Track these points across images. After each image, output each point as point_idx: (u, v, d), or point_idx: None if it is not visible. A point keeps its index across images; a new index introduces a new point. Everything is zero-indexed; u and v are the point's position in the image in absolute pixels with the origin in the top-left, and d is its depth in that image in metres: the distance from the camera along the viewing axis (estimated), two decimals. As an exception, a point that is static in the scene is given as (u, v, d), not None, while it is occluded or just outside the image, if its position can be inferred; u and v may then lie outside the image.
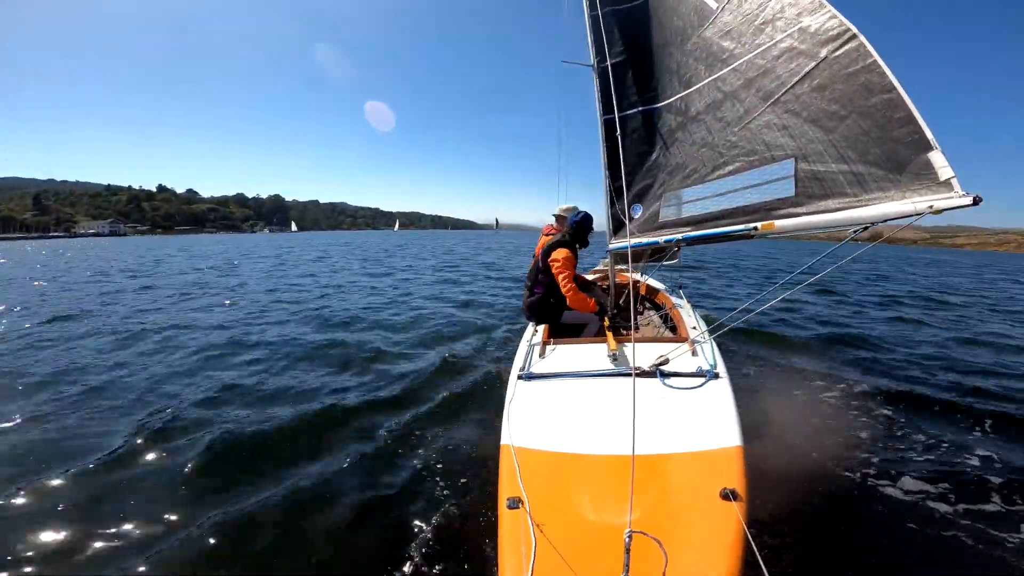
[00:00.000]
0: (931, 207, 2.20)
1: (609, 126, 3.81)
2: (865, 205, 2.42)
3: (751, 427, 2.78)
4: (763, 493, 2.90)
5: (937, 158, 2.24)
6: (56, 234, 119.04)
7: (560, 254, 3.78)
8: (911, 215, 2.25)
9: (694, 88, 3.35)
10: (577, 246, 3.98)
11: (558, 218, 4.72)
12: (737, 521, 1.61)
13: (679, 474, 1.97)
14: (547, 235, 4.62)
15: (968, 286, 17.26)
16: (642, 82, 3.78)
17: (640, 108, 3.75)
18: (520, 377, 2.82)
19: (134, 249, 38.68)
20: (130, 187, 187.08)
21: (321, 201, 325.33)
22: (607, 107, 3.85)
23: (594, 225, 4.08)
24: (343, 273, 17.48)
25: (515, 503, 1.78)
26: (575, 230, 3.97)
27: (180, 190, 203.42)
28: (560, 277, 3.75)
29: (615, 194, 3.80)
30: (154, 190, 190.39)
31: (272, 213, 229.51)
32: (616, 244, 3.88)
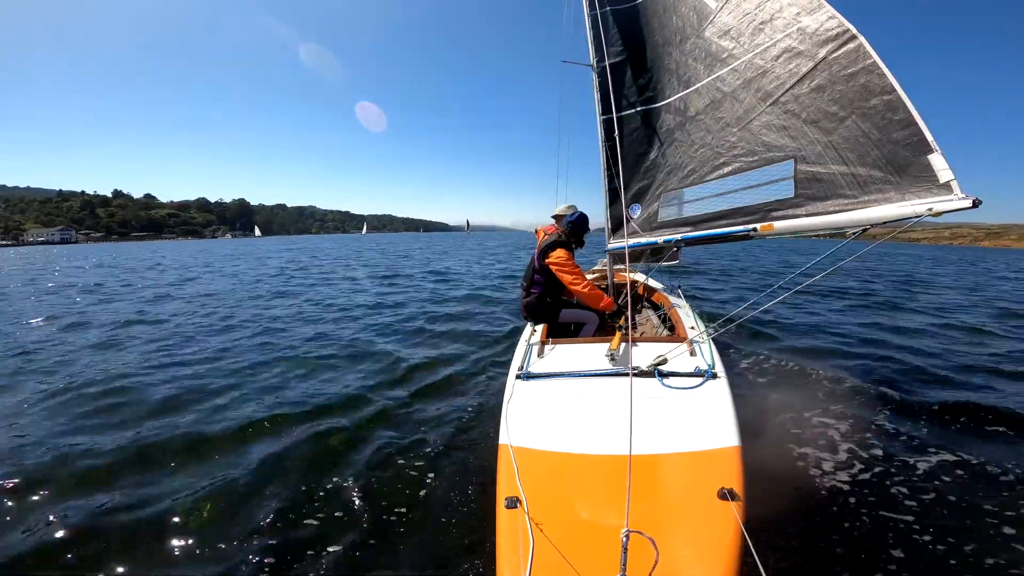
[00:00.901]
0: (930, 209, 2.20)
1: (608, 126, 3.79)
2: (864, 207, 2.42)
3: (749, 427, 2.77)
4: (761, 493, 2.88)
5: (937, 160, 2.23)
6: (2, 243, 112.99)
7: (559, 255, 3.77)
8: (910, 217, 2.24)
9: (693, 88, 3.34)
10: (573, 246, 3.96)
11: (557, 219, 4.65)
12: (735, 521, 1.61)
13: (677, 474, 1.97)
14: (547, 234, 4.52)
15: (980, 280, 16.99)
16: (641, 82, 3.76)
17: (639, 108, 3.74)
18: (518, 377, 2.80)
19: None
20: (84, 192, 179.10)
21: (289, 205, 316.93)
22: (606, 107, 3.83)
23: (591, 225, 4.05)
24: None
25: (513, 503, 1.78)
26: (571, 230, 3.96)
27: (138, 195, 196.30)
28: (568, 277, 3.73)
29: (613, 194, 3.77)
30: (110, 195, 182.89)
31: (237, 218, 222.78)
32: (614, 244, 3.85)
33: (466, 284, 14.16)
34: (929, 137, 2.26)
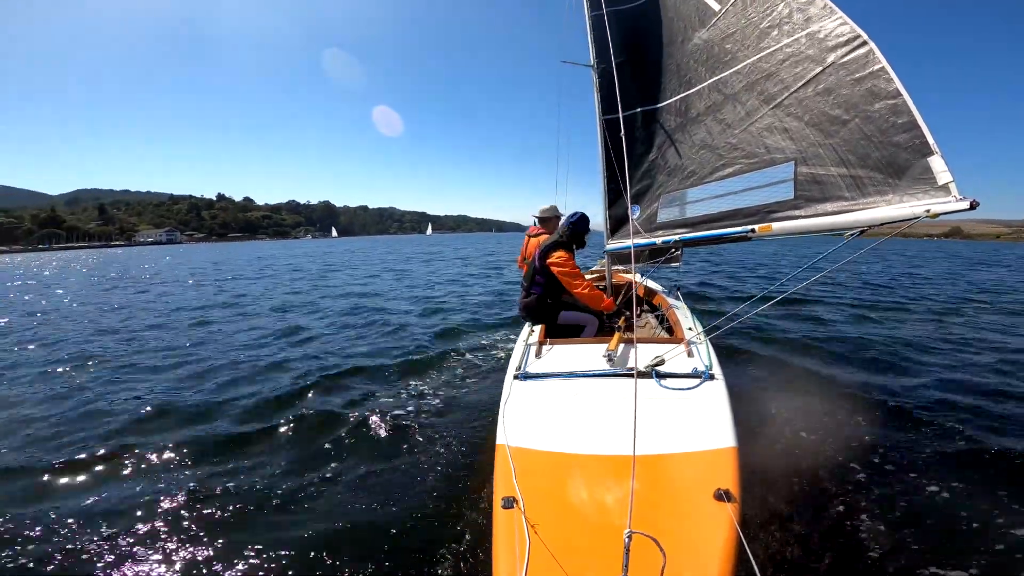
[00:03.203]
0: (928, 211, 2.20)
1: (608, 126, 3.83)
2: (862, 209, 2.44)
3: (746, 428, 2.73)
4: (757, 494, 2.91)
5: (937, 163, 2.26)
6: (117, 243, 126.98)
7: (560, 256, 3.77)
8: (908, 219, 2.26)
9: (694, 89, 3.37)
10: (574, 247, 3.96)
11: (541, 220, 4.68)
12: (730, 522, 1.61)
13: (673, 475, 1.96)
14: (534, 236, 4.60)
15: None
16: (642, 83, 3.79)
17: (639, 109, 3.76)
18: (516, 377, 2.81)
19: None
20: (191, 196, 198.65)
21: (370, 206, 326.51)
22: (606, 107, 3.87)
23: (591, 225, 4.02)
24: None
25: (510, 503, 1.78)
26: (572, 231, 3.93)
27: (238, 198, 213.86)
28: (569, 280, 3.73)
29: (613, 195, 3.81)
30: (214, 199, 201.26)
31: (322, 219, 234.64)
32: (613, 245, 3.89)
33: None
34: (930, 140, 2.30)
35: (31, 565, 2.54)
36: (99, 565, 2.53)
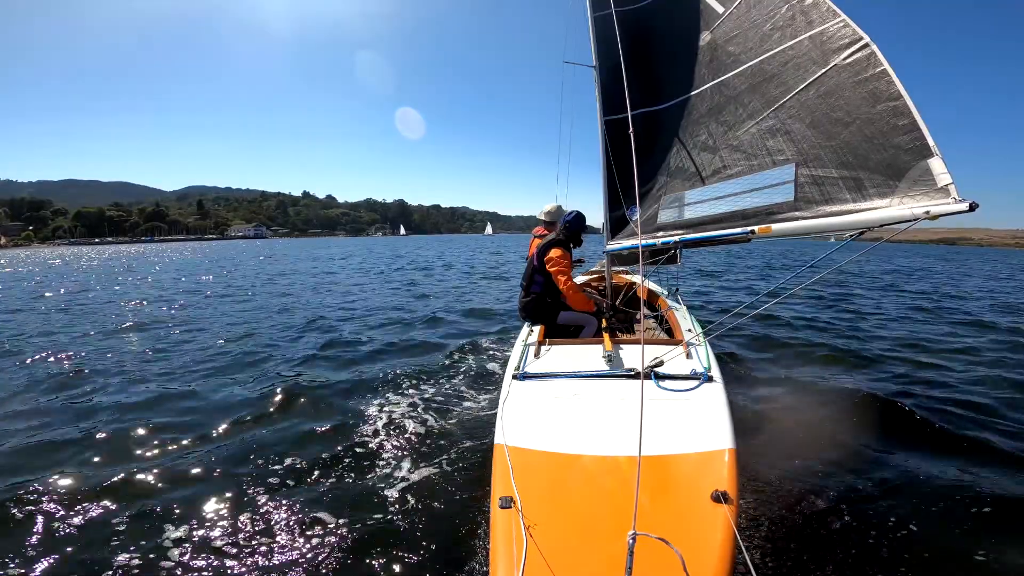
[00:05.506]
0: (927, 212, 2.19)
1: (610, 128, 3.86)
2: (863, 211, 2.42)
3: (744, 430, 2.71)
4: (754, 496, 2.91)
5: (936, 165, 2.23)
6: (210, 236, 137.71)
7: (555, 253, 3.84)
8: (908, 220, 2.24)
9: (696, 91, 3.39)
10: (571, 245, 4.04)
11: (547, 224, 4.77)
12: (727, 524, 1.60)
13: (671, 476, 1.97)
14: (538, 236, 4.66)
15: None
16: (644, 84, 3.80)
17: (641, 110, 3.77)
18: (515, 377, 2.83)
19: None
20: (279, 193, 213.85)
21: (443, 206, 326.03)
22: (607, 108, 3.90)
23: (593, 226, 4.12)
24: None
25: (507, 502, 1.78)
26: (568, 229, 4.03)
27: (321, 195, 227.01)
28: (559, 277, 3.80)
29: (613, 195, 3.83)
30: (300, 196, 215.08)
31: (397, 217, 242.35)
32: (614, 246, 3.92)
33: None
34: (930, 142, 2.29)
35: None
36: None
